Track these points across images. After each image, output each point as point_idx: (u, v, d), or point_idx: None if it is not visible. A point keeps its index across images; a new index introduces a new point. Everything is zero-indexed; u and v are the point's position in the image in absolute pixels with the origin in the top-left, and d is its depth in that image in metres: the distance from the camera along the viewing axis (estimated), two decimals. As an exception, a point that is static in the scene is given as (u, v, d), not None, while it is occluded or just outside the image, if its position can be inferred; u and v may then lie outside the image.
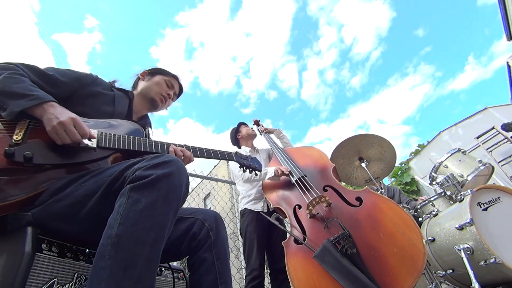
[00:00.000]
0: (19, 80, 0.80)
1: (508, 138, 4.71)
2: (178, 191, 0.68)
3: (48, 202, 0.69)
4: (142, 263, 0.56)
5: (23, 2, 59.59)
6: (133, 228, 0.58)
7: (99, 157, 0.84)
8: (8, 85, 0.76)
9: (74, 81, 0.98)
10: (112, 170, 0.73)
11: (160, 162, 0.68)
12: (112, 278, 0.53)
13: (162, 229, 0.62)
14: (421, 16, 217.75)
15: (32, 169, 0.72)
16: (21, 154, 0.69)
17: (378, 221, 1.22)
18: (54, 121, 0.74)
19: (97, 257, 0.57)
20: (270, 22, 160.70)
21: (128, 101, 1.16)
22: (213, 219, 0.95)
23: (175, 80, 1.33)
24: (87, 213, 0.69)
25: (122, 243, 0.57)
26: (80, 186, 0.72)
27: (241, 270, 6.47)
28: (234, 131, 2.45)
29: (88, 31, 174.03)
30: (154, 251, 0.59)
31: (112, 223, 0.59)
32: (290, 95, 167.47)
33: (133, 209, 0.60)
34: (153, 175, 0.64)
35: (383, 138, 2.02)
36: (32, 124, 0.79)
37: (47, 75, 0.92)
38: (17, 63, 0.87)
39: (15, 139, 0.72)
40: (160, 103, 1.27)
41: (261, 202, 2.00)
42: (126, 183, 0.65)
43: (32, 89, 0.79)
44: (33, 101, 0.76)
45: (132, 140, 0.91)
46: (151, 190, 0.63)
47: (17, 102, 0.75)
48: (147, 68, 1.33)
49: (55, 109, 0.78)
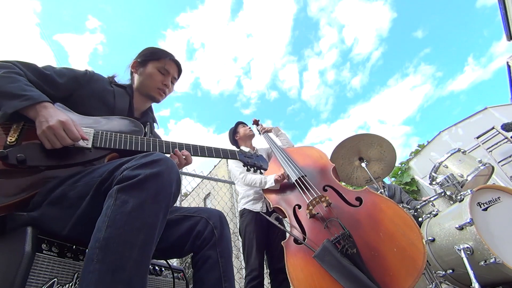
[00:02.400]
0: (14, 79, 0.78)
1: (508, 138, 4.71)
2: (168, 190, 0.66)
3: (43, 204, 0.68)
4: (131, 266, 0.55)
5: (24, 3, 59.51)
6: (121, 230, 0.57)
7: (95, 158, 0.83)
8: (2, 85, 0.75)
9: (71, 81, 0.95)
10: (102, 170, 0.71)
11: (148, 161, 0.66)
12: (100, 282, 0.52)
13: (151, 230, 0.60)
14: (420, 17, 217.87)
15: (26, 171, 0.72)
16: (14, 156, 0.68)
17: (378, 221, 1.22)
18: (44, 125, 0.73)
19: (85, 261, 0.56)
20: (271, 23, 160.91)
21: (128, 97, 1.11)
22: (217, 218, 0.95)
23: (170, 62, 1.16)
24: (80, 214, 0.68)
25: (110, 245, 0.55)
26: (72, 187, 0.71)
27: (241, 270, 6.46)
28: (232, 131, 2.42)
29: (90, 32, 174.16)
30: (144, 253, 0.58)
31: (100, 226, 0.58)
32: (291, 95, 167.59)
33: (120, 211, 0.59)
34: (140, 175, 0.62)
35: (383, 138, 2.02)
36: (27, 126, 0.78)
37: (45, 74, 0.90)
38: (14, 61, 0.85)
39: (9, 141, 0.72)
40: (159, 97, 1.18)
41: (260, 202, 2.00)
42: (114, 183, 0.64)
43: (26, 88, 0.77)
44: (26, 101, 0.74)
45: (129, 139, 0.89)
46: (139, 191, 0.61)
47: (10, 102, 0.73)
48: (137, 57, 1.18)
49: (47, 111, 0.76)
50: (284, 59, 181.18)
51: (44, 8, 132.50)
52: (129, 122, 1.01)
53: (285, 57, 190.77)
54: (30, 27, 57.46)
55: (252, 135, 2.37)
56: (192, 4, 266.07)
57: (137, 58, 1.17)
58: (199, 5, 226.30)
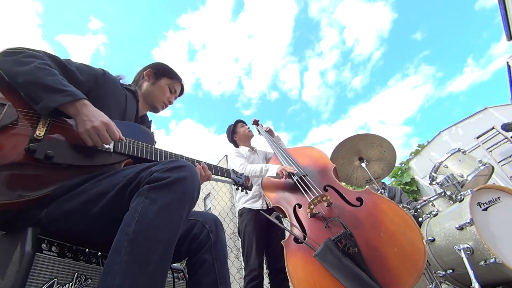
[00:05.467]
0: (51, 72, 0.76)
1: (508, 138, 4.71)
2: (191, 194, 0.70)
3: (62, 199, 0.69)
4: (156, 260, 0.58)
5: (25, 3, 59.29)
6: (150, 226, 0.60)
7: (114, 162, 0.85)
8: (41, 77, 0.73)
9: (91, 79, 0.95)
10: (127, 172, 0.74)
11: (176, 166, 0.70)
12: (127, 273, 0.54)
13: (176, 228, 0.64)
14: (420, 19, 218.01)
15: (48, 166, 0.71)
16: (43, 151, 0.68)
17: (379, 221, 1.22)
18: (88, 124, 0.74)
19: (112, 253, 0.58)
20: (272, 24, 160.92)
21: (135, 102, 1.14)
22: (213, 221, 0.96)
23: (179, 84, 1.30)
24: (98, 212, 0.70)
25: (138, 239, 0.58)
26: (95, 184, 0.73)
27: (241, 270, 6.46)
28: (230, 130, 2.37)
29: (93, 33, 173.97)
30: (168, 249, 0.61)
31: (129, 221, 0.61)
32: (292, 96, 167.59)
33: (150, 208, 0.62)
34: (170, 178, 0.66)
35: (383, 138, 2.02)
36: (53, 121, 0.77)
37: (69, 70, 0.88)
38: (42, 51, 0.82)
39: (37, 135, 0.70)
40: (160, 109, 1.27)
41: (260, 200, 1.98)
42: (143, 184, 0.67)
43: (65, 84, 0.77)
44: (68, 97, 0.74)
45: (145, 148, 0.93)
46: (168, 192, 0.65)
47: (52, 96, 0.72)
48: (151, 65, 1.27)
49: (88, 110, 0.77)
50: (285, 60, 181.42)
51: (45, 9, 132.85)
52: (144, 130, 1.04)
53: (286, 57, 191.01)
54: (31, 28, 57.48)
55: (251, 136, 2.34)
56: (193, 6, 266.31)
57: (152, 69, 1.25)
58: (200, 7, 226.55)
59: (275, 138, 2.31)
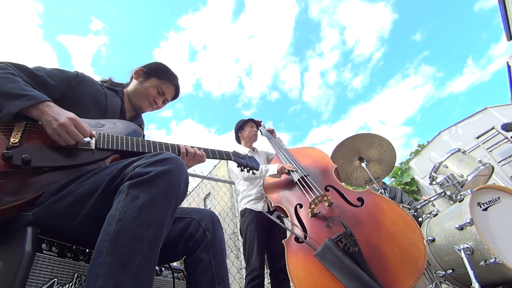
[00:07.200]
0: (13, 79, 0.78)
1: (508, 138, 4.71)
2: (177, 188, 0.67)
3: (49, 201, 0.68)
4: (140, 260, 0.56)
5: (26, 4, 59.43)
6: (132, 225, 0.58)
7: (98, 159, 0.83)
8: (1, 86, 0.74)
9: (63, 83, 0.95)
10: (111, 169, 0.72)
11: (159, 159, 0.68)
12: (109, 275, 0.52)
13: (160, 225, 0.61)
14: (421, 19, 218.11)
15: (30, 172, 0.71)
16: (19, 157, 0.68)
17: (380, 221, 1.22)
18: (54, 123, 0.73)
19: (95, 254, 0.56)
20: (273, 24, 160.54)
21: (119, 99, 1.12)
22: (209, 218, 0.94)
23: (170, 86, 1.22)
24: (87, 212, 0.69)
25: (120, 239, 0.56)
26: (80, 184, 0.72)
27: (241, 270, 6.46)
28: (239, 124, 2.40)
29: (94, 34, 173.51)
30: (153, 248, 0.59)
31: (111, 220, 0.59)
32: (292, 96, 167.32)
33: (131, 205, 0.60)
34: (152, 172, 0.64)
35: (383, 138, 2.02)
36: (29, 126, 0.78)
37: (37, 75, 0.89)
38: (6, 62, 0.84)
39: (12, 142, 0.71)
40: (146, 110, 1.22)
41: (262, 202, 2.00)
42: (125, 180, 0.65)
43: (26, 89, 0.77)
44: (29, 101, 0.74)
45: (130, 141, 0.90)
46: (150, 187, 0.62)
47: (13, 102, 0.73)
48: (145, 64, 1.22)
49: (52, 110, 0.76)
50: (286, 60, 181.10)
51: (46, 10, 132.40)
52: (128, 124, 1.02)
53: (287, 58, 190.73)
54: (32, 28, 57.48)
55: (255, 138, 2.38)
56: (194, 6, 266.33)
57: (143, 67, 1.21)
58: (201, 7, 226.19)
59: (277, 139, 2.34)
